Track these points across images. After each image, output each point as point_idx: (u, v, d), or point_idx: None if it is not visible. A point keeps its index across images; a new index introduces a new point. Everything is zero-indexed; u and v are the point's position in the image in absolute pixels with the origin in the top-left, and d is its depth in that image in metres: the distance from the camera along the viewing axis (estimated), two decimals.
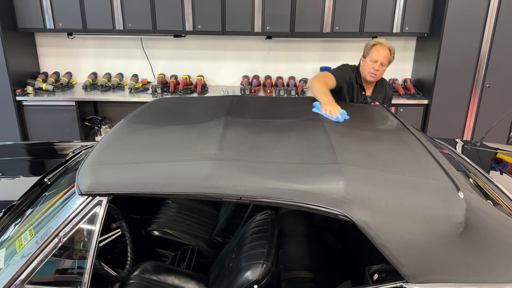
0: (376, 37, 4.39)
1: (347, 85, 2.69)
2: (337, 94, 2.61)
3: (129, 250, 2.08)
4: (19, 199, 2.02)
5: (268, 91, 4.33)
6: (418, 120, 4.31)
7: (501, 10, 3.87)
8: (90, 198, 1.56)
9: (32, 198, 2.04)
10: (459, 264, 1.43)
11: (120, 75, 4.57)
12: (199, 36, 4.44)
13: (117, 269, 1.97)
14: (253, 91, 4.29)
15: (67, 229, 1.54)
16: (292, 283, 2.04)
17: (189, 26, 4.13)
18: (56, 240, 1.53)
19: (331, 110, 2.12)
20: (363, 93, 2.74)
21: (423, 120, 4.33)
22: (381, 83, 2.82)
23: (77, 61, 4.62)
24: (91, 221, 1.56)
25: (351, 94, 2.71)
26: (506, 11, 3.88)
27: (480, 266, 1.43)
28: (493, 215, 1.51)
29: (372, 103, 2.71)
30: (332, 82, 2.57)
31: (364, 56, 2.70)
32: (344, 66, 2.76)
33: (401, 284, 1.44)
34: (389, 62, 2.67)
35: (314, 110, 2.22)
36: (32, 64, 4.50)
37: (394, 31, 4.17)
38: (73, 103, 4.17)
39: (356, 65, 2.79)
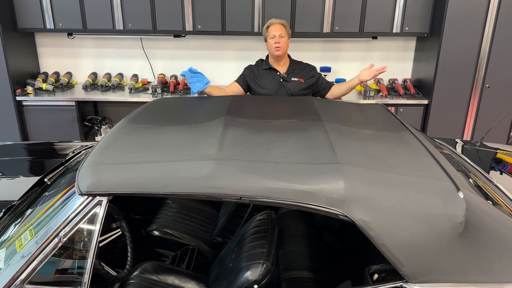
0: (376, 37, 4.40)
1: (255, 78, 2.99)
2: (253, 91, 3.01)
3: (129, 250, 2.08)
4: (19, 199, 2.02)
5: None
6: (418, 120, 4.31)
7: (501, 10, 3.87)
8: (90, 198, 1.56)
9: (32, 198, 2.04)
10: (459, 264, 1.43)
11: (120, 75, 4.57)
12: (199, 36, 4.44)
13: (117, 269, 1.97)
14: None
15: (67, 229, 1.54)
16: (292, 283, 2.04)
17: (189, 26, 4.13)
18: (56, 240, 1.53)
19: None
20: (278, 73, 2.98)
21: (423, 120, 4.33)
22: (296, 63, 3.07)
23: (77, 61, 4.62)
24: (91, 221, 1.56)
25: (265, 82, 2.97)
26: (506, 11, 3.88)
27: (480, 266, 1.43)
28: (493, 215, 1.51)
29: (293, 78, 2.95)
30: (237, 89, 3.02)
31: (265, 40, 3.00)
32: (246, 68, 3.13)
33: (401, 284, 1.44)
34: (289, 35, 2.97)
35: (192, 92, 2.69)
36: (32, 64, 4.50)
37: (394, 31, 4.17)
38: (73, 103, 4.17)
39: (263, 58, 3.12)
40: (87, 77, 4.49)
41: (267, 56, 3.07)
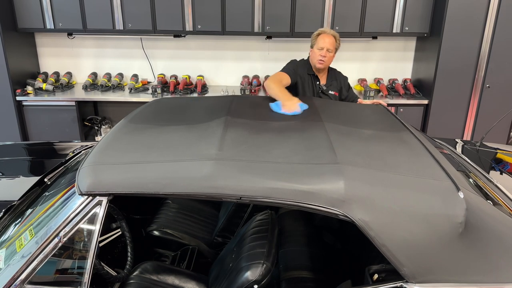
0: (376, 37, 4.40)
1: (301, 79, 2.82)
2: (293, 90, 2.74)
3: (129, 250, 2.08)
4: (19, 199, 2.02)
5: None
6: (418, 120, 4.31)
7: (501, 10, 3.87)
8: (90, 198, 1.56)
9: (32, 198, 2.04)
10: (459, 264, 1.43)
11: (120, 75, 4.58)
12: (199, 36, 4.44)
13: (117, 269, 1.97)
14: (253, 91, 4.29)
15: (67, 229, 1.54)
16: (292, 283, 2.04)
17: (189, 26, 4.13)
18: (56, 240, 1.53)
19: (289, 106, 2.21)
20: (318, 82, 2.87)
21: (423, 120, 4.33)
22: (333, 72, 2.97)
23: (77, 61, 4.62)
24: (91, 221, 1.56)
25: (307, 86, 2.84)
26: (506, 11, 3.88)
27: (480, 266, 1.43)
28: (493, 215, 1.51)
29: (330, 91, 2.86)
30: (286, 79, 2.70)
31: (311, 47, 2.86)
32: (293, 62, 2.90)
33: (401, 284, 1.44)
34: (336, 49, 2.84)
35: (273, 108, 2.24)
36: (32, 64, 4.50)
37: (394, 31, 4.17)
38: (73, 103, 4.17)
39: (305, 59, 2.94)
40: (87, 77, 4.49)
41: (309, 61, 2.90)
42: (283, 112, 2.17)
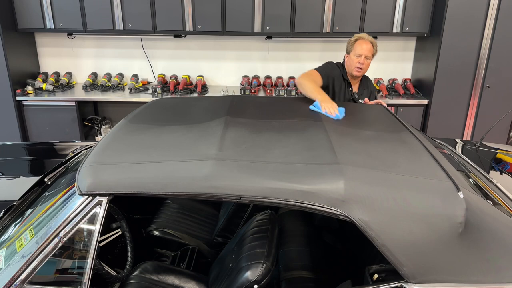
0: (376, 37, 4.39)
1: (334, 82, 2.71)
2: (325, 91, 2.62)
3: (129, 250, 2.08)
4: (19, 199, 2.02)
5: (268, 91, 4.33)
6: (418, 120, 4.31)
7: (501, 10, 3.87)
8: (90, 198, 1.56)
9: (32, 198, 2.04)
10: (459, 264, 1.43)
11: (120, 75, 4.58)
12: (199, 36, 4.44)
13: (117, 269, 1.97)
14: (253, 91, 4.29)
15: (67, 229, 1.54)
16: (292, 283, 2.04)
17: (189, 26, 4.13)
18: (56, 240, 1.53)
19: (330, 108, 2.14)
20: (350, 89, 2.77)
21: (423, 120, 4.33)
22: (365, 80, 2.88)
23: (77, 61, 4.62)
24: (91, 221, 1.56)
25: (339, 91, 2.73)
26: (506, 11, 3.88)
27: (480, 266, 1.43)
28: (493, 215, 1.51)
29: (360, 100, 2.74)
30: (319, 80, 2.61)
31: (348, 52, 2.75)
32: (330, 64, 2.79)
33: (401, 284, 1.44)
34: (373, 55, 2.75)
35: (312, 108, 2.23)
36: (32, 64, 4.50)
37: (394, 31, 4.17)
38: (73, 103, 4.17)
39: (341, 62, 2.82)
40: (87, 77, 4.49)
41: (344, 66, 2.81)
42: (324, 113, 2.13)
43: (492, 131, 3.15)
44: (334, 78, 2.71)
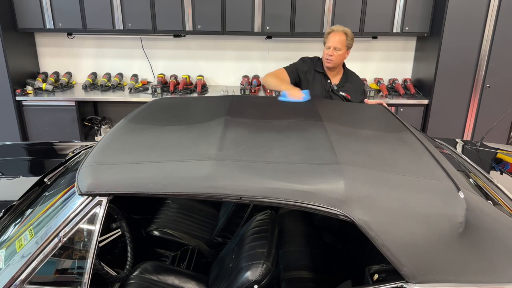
0: (376, 37, 4.40)
1: (306, 76, 2.79)
2: (299, 87, 2.71)
3: (129, 250, 2.08)
4: (19, 199, 2.01)
5: (268, 91, 4.33)
6: (418, 120, 4.31)
7: (501, 10, 3.87)
8: (90, 198, 1.56)
9: (32, 198, 2.04)
10: (459, 264, 1.42)
11: (120, 75, 4.57)
12: (199, 36, 4.44)
13: (117, 269, 1.97)
14: (253, 91, 4.29)
15: (67, 229, 1.54)
16: (292, 283, 2.04)
17: (189, 26, 4.13)
18: (56, 240, 1.53)
19: (295, 93, 2.39)
20: (329, 81, 2.81)
21: (423, 120, 4.33)
22: (351, 74, 2.91)
23: (77, 61, 4.62)
24: (91, 221, 1.56)
25: (313, 83, 2.78)
26: (506, 11, 3.88)
27: (480, 266, 1.43)
28: (493, 215, 1.51)
29: (341, 92, 2.79)
30: (285, 77, 2.73)
31: (324, 45, 2.83)
32: (301, 59, 2.90)
33: (401, 284, 1.44)
34: (348, 47, 2.79)
35: (281, 99, 2.41)
36: (32, 64, 4.50)
37: (394, 31, 4.17)
38: (73, 103, 4.17)
39: (320, 56, 2.91)
40: (87, 77, 4.49)
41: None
42: (291, 99, 2.31)
43: (492, 131, 3.15)
44: (305, 72, 2.80)
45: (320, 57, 2.87)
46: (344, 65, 2.90)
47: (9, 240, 1.69)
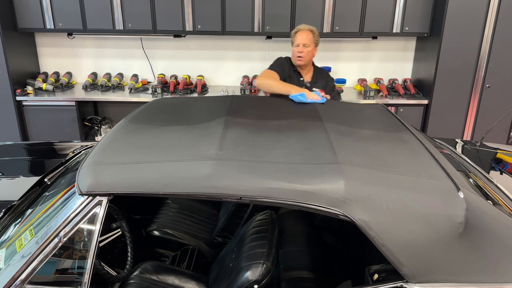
0: (376, 37, 4.40)
1: (288, 75, 2.86)
2: None
3: (129, 250, 2.08)
4: (19, 199, 2.02)
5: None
6: (418, 120, 4.31)
7: (501, 10, 3.87)
8: (90, 198, 1.56)
9: (32, 198, 2.04)
10: (459, 264, 1.43)
11: (120, 75, 4.58)
12: (199, 36, 4.44)
13: (117, 269, 1.97)
14: (253, 91, 4.29)
15: (67, 229, 1.54)
16: (292, 283, 2.04)
17: (189, 26, 4.13)
18: (56, 240, 1.53)
19: (312, 95, 2.40)
20: (301, 79, 2.89)
21: (423, 120, 4.33)
22: (320, 71, 3.00)
23: (77, 61, 4.62)
24: (91, 221, 1.56)
25: (291, 82, 2.82)
26: (506, 11, 3.88)
27: (480, 266, 1.43)
28: (493, 215, 1.51)
29: (314, 88, 2.83)
30: (276, 77, 2.76)
31: (292, 44, 2.91)
32: (279, 59, 2.96)
33: (401, 284, 1.44)
34: (316, 43, 2.88)
35: (298, 99, 2.39)
36: (32, 64, 4.50)
37: (394, 31, 4.17)
38: (73, 103, 4.17)
39: (290, 56, 2.97)
40: (87, 77, 4.49)
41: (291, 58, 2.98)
42: (310, 101, 2.34)
43: (492, 131, 3.15)
44: (287, 70, 2.86)
45: (289, 57, 2.96)
46: (313, 62, 2.99)
47: (9, 240, 1.69)
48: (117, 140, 1.80)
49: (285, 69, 2.86)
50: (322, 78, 2.96)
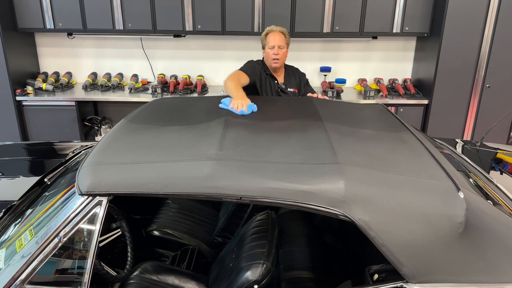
0: (376, 37, 4.40)
1: (259, 79, 2.80)
2: (254, 90, 2.76)
3: (129, 250, 2.08)
4: (19, 199, 2.02)
5: None
6: (418, 120, 4.31)
7: (501, 10, 3.87)
8: (90, 198, 1.56)
9: (32, 198, 2.04)
10: (459, 264, 1.43)
11: (120, 75, 4.58)
12: (199, 36, 4.44)
13: (117, 269, 1.97)
14: None
15: (67, 229, 1.54)
16: (292, 283, 2.04)
17: (189, 26, 4.13)
18: (56, 240, 1.53)
19: (238, 104, 2.15)
20: (276, 81, 2.86)
21: (423, 120, 4.33)
22: (290, 69, 2.96)
23: (77, 61, 4.62)
24: (91, 221, 1.56)
25: (265, 86, 2.82)
26: (506, 11, 3.88)
27: (480, 266, 1.43)
28: (493, 215, 1.51)
29: (289, 89, 2.85)
30: (244, 78, 2.66)
31: (263, 48, 2.86)
32: (251, 62, 2.88)
33: (401, 284, 1.44)
34: (288, 45, 2.82)
35: (221, 106, 2.22)
36: (32, 64, 4.50)
37: (394, 31, 4.17)
38: (73, 103, 4.17)
39: (261, 59, 2.92)
40: (87, 77, 4.49)
41: (264, 61, 2.90)
42: (230, 109, 2.14)
43: (492, 131, 3.15)
44: (259, 74, 2.80)
45: (261, 60, 2.91)
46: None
47: (9, 240, 1.69)
48: (117, 140, 1.80)
49: (257, 72, 2.79)
50: (295, 76, 2.93)
